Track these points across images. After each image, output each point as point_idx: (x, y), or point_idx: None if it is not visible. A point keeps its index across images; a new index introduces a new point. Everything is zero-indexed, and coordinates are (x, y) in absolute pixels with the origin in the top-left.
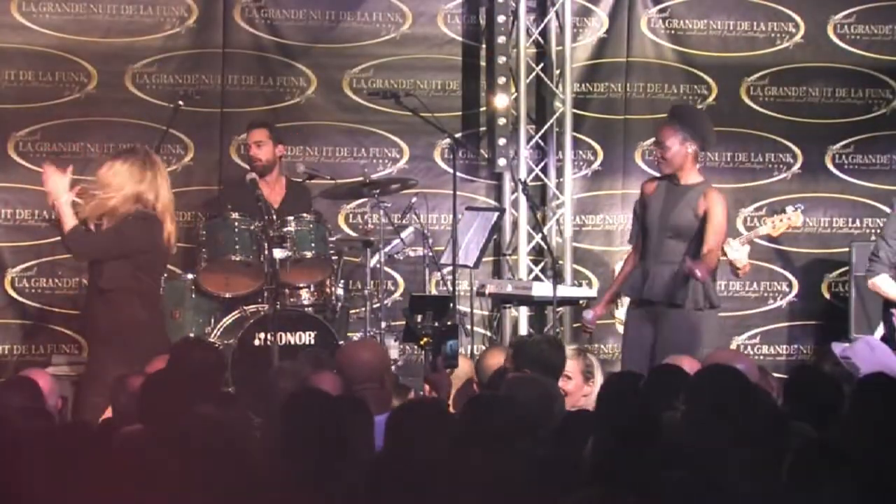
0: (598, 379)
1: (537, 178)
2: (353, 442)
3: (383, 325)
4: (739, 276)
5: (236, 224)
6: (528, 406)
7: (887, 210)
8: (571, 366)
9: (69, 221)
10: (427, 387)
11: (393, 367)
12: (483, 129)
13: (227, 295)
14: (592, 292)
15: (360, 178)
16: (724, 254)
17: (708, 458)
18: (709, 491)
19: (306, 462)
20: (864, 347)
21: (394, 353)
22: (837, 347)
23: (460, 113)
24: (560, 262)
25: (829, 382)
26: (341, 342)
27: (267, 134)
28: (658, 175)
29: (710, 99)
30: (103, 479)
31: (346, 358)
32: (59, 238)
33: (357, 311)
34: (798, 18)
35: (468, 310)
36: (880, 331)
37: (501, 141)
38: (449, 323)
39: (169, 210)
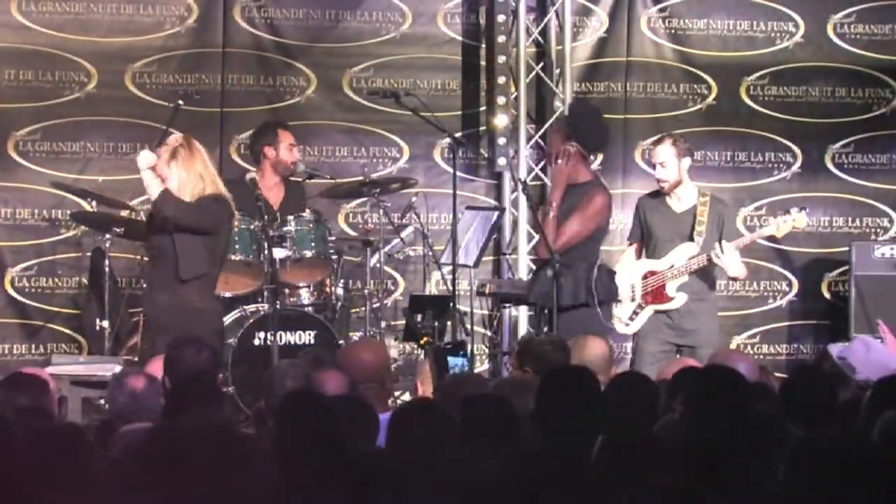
0: None
1: (537, 177)
2: (353, 442)
3: (383, 324)
4: (739, 279)
5: (236, 223)
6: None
7: (887, 209)
8: None
9: (154, 186)
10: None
11: (393, 367)
12: (483, 128)
13: (227, 294)
14: None
15: (360, 178)
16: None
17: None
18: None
19: (305, 463)
20: (861, 347)
21: (394, 353)
22: (835, 349)
23: (460, 112)
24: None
25: (825, 383)
26: (341, 342)
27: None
28: None
29: (710, 98)
30: (101, 481)
31: (348, 358)
32: (60, 237)
33: (357, 310)
34: (798, 18)
35: (468, 309)
36: None
37: (501, 140)
38: (449, 331)
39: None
